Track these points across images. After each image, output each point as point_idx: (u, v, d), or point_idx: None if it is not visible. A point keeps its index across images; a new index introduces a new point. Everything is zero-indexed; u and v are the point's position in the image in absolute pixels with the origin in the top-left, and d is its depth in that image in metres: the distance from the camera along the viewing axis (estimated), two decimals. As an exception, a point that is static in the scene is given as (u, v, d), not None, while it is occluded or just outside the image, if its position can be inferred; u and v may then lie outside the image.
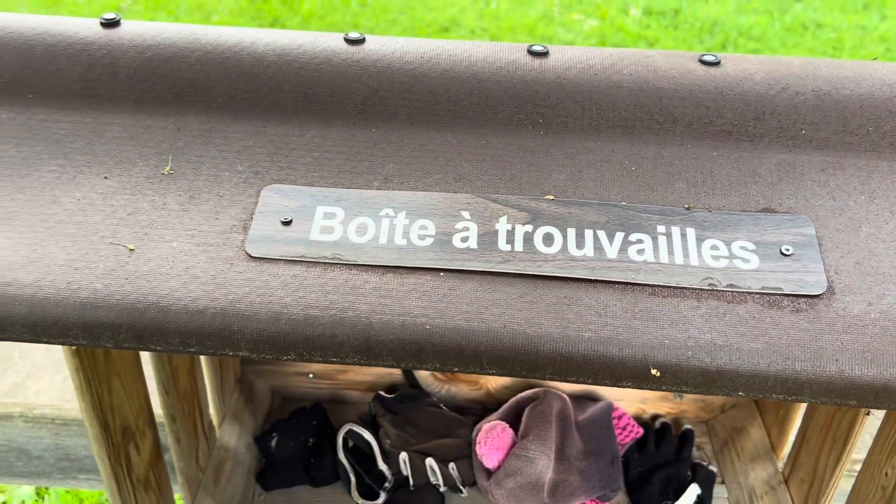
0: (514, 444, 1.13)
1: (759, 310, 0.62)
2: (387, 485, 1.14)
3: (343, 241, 0.66)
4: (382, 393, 1.25)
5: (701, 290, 0.63)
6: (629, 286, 0.64)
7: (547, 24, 4.01)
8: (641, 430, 1.22)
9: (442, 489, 1.16)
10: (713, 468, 1.19)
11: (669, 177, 0.70)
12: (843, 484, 1.02)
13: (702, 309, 0.62)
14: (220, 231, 0.67)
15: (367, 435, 1.15)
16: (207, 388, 1.12)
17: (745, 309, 0.62)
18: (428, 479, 1.14)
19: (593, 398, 1.25)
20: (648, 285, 0.64)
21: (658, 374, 0.61)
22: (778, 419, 1.17)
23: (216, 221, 0.67)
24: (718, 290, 0.63)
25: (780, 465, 1.16)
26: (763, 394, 0.62)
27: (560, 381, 0.63)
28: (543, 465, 1.09)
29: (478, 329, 0.62)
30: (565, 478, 1.10)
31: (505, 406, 1.21)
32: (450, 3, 4.08)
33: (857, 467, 0.94)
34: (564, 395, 1.19)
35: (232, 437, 1.19)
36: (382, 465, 1.14)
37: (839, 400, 0.61)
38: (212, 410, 1.16)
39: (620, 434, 1.20)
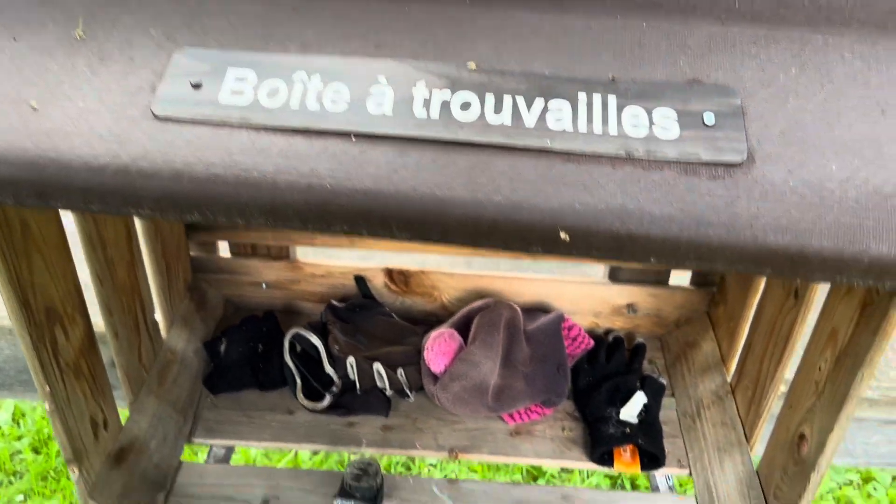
0: (461, 350, 1.12)
1: (675, 177, 0.61)
2: (333, 388, 1.13)
3: (253, 104, 0.64)
4: (335, 302, 1.24)
5: (617, 157, 0.61)
6: (544, 153, 0.62)
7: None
8: (592, 342, 1.21)
9: (389, 393, 1.15)
10: (663, 380, 1.18)
11: (597, 48, 0.68)
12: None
13: (616, 175, 0.61)
14: (127, 92, 0.64)
15: (315, 339, 1.14)
16: (153, 290, 1.11)
17: (660, 176, 0.61)
18: (375, 383, 1.14)
19: (546, 310, 1.24)
20: (564, 152, 0.62)
21: (567, 238, 0.59)
22: (728, 331, 1.16)
23: (125, 83, 0.65)
24: (635, 158, 0.61)
25: (730, 377, 1.16)
26: (676, 261, 0.60)
27: (472, 246, 0.62)
28: (488, 370, 1.08)
29: (386, 192, 0.60)
30: (510, 382, 1.10)
31: (456, 315, 1.20)
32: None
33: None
34: (515, 306, 1.18)
35: (180, 341, 1.19)
36: (329, 369, 1.14)
37: (754, 267, 0.60)
38: (159, 315, 1.15)
39: (570, 344, 1.19)
